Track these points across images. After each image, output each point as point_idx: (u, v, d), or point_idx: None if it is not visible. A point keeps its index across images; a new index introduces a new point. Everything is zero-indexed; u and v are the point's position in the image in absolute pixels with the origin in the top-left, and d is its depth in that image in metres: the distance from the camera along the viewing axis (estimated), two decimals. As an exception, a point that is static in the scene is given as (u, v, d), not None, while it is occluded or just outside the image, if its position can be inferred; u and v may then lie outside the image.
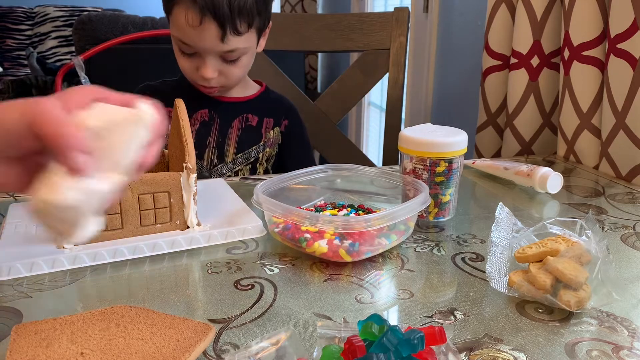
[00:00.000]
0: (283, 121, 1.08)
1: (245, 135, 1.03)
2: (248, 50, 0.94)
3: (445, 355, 0.42)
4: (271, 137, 1.05)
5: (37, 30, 3.77)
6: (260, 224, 0.67)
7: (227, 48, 0.90)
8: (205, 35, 0.88)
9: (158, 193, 0.62)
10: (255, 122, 1.04)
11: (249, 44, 0.93)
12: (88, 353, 0.42)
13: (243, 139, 1.03)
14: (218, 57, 0.92)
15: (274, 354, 0.44)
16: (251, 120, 1.04)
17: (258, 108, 1.06)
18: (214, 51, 0.91)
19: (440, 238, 0.67)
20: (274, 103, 1.09)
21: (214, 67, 0.92)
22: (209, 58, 0.91)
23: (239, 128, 1.03)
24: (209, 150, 1.02)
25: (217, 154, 1.02)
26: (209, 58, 0.91)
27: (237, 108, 1.04)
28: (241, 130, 1.03)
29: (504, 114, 1.22)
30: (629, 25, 0.86)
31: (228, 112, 1.03)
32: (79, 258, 0.59)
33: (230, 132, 1.03)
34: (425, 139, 0.69)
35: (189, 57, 0.93)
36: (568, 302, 0.48)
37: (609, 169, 0.95)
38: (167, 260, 0.61)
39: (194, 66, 0.94)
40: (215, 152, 1.02)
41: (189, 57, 0.93)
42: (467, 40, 1.56)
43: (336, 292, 0.54)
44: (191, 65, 0.94)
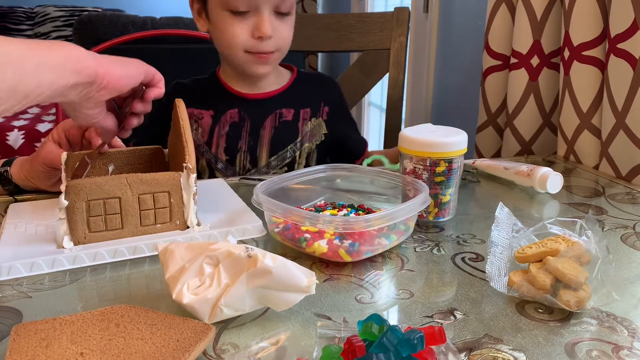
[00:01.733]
0: (324, 108, 1.01)
1: (279, 134, 0.97)
2: (294, 8, 0.92)
3: (445, 355, 0.42)
4: (308, 130, 0.98)
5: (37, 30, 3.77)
6: (260, 224, 0.67)
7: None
8: None
9: (158, 193, 0.62)
10: (291, 115, 0.98)
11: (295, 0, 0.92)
12: (88, 353, 0.41)
13: (277, 139, 0.97)
14: (272, 12, 0.88)
15: (274, 354, 0.44)
16: (286, 114, 0.97)
17: (293, 99, 0.99)
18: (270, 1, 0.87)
19: (440, 238, 0.67)
20: (310, 89, 1.02)
21: (271, 23, 0.88)
22: (265, 11, 0.87)
23: (272, 127, 0.97)
24: (240, 154, 0.96)
25: (249, 158, 0.96)
26: (265, 11, 0.87)
27: (269, 104, 0.98)
28: (274, 129, 0.97)
29: (504, 114, 1.22)
30: (629, 25, 0.86)
31: (259, 110, 0.97)
32: (79, 258, 0.59)
33: (262, 133, 0.96)
34: (425, 139, 0.69)
35: (241, 20, 0.87)
36: (568, 302, 0.48)
37: (609, 169, 0.95)
38: (167, 260, 0.61)
39: (248, 29, 0.88)
40: (248, 156, 0.96)
41: (242, 20, 0.87)
42: (467, 40, 1.56)
43: (336, 292, 0.54)
44: (245, 29, 0.88)
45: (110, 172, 0.72)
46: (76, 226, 0.60)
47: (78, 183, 0.58)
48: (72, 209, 0.59)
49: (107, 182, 0.59)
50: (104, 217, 0.60)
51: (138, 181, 0.61)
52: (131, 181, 0.60)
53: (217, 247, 0.48)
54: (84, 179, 0.59)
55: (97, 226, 0.60)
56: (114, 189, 0.60)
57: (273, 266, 0.46)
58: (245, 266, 0.47)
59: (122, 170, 0.72)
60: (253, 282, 0.47)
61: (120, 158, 0.72)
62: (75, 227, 0.60)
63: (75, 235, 0.60)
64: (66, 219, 0.59)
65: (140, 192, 0.61)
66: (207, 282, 0.47)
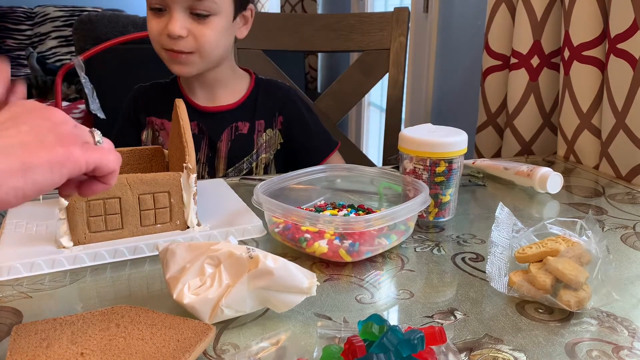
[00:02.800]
0: (278, 118, 1.01)
1: (236, 147, 0.99)
2: (220, 10, 0.89)
3: (445, 356, 0.42)
4: (264, 142, 1.00)
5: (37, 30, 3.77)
6: (260, 223, 0.67)
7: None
8: None
9: (158, 193, 0.62)
10: (247, 128, 0.99)
11: (222, 3, 0.89)
12: (88, 353, 0.41)
13: (234, 152, 0.99)
14: (187, 13, 0.87)
15: (274, 354, 0.44)
16: (241, 128, 0.99)
17: (248, 112, 1.00)
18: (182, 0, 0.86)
19: (440, 238, 0.67)
20: (265, 100, 1.02)
21: (181, 23, 0.87)
22: (176, 11, 0.86)
23: (228, 140, 0.98)
24: (199, 166, 0.98)
25: (207, 169, 0.99)
26: (176, 11, 0.86)
27: (226, 117, 0.99)
28: (231, 142, 0.98)
29: (504, 114, 1.22)
30: (629, 25, 0.86)
31: (216, 123, 0.99)
32: (79, 258, 0.59)
33: (219, 146, 0.98)
34: (425, 139, 0.69)
35: (158, 16, 0.89)
36: (568, 302, 0.48)
37: (609, 169, 0.95)
38: (167, 260, 0.61)
39: (162, 26, 0.88)
40: (206, 167, 0.99)
41: (158, 16, 0.89)
42: (467, 40, 1.56)
43: (336, 292, 0.54)
44: (159, 25, 0.89)
45: None
46: (76, 226, 0.60)
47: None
48: (72, 209, 0.59)
49: None
50: (104, 217, 0.60)
51: (138, 181, 0.61)
52: (131, 181, 0.60)
53: (218, 248, 0.48)
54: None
55: (97, 226, 0.60)
56: (114, 189, 0.60)
57: (274, 267, 0.46)
58: (246, 267, 0.47)
59: (122, 170, 0.72)
60: (254, 283, 0.47)
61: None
62: (75, 227, 0.60)
63: (75, 235, 0.60)
64: (66, 219, 0.59)
65: (140, 192, 0.61)
66: (208, 283, 0.47)
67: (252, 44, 1.28)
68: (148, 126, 1.01)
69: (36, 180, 0.36)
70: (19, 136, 0.37)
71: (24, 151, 0.36)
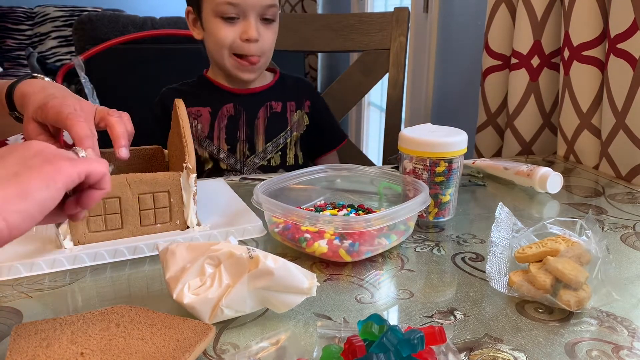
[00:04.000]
0: (305, 102, 1.11)
1: (272, 124, 1.07)
2: (277, 15, 1.01)
3: (445, 355, 0.42)
4: (295, 121, 1.09)
5: (37, 30, 3.77)
6: (260, 223, 0.67)
7: (270, 2, 0.97)
8: None
9: (158, 193, 0.62)
10: (280, 107, 1.08)
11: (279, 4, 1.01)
12: (88, 353, 0.41)
13: (270, 128, 1.07)
14: (258, 18, 0.97)
15: (274, 354, 0.44)
16: (275, 107, 1.08)
17: (279, 93, 1.09)
18: (259, 6, 0.96)
19: (440, 238, 0.67)
20: (293, 86, 1.12)
21: (257, 28, 0.97)
22: (253, 17, 0.96)
23: (265, 117, 1.07)
24: (240, 143, 1.06)
25: (248, 146, 1.06)
26: (253, 17, 0.96)
27: (260, 97, 1.07)
28: (267, 119, 1.07)
29: (504, 114, 1.22)
30: (629, 25, 0.86)
31: (252, 103, 1.07)
32: (79, 258, 0.59)
33: (257, 123, 1.06)
34: (425, 139, 0.69)
35: (230, 25, 0.97)
36: (568, 302, 0.48)
37: (609, 169, 0.95)
38: (167, 260, 0.61)
39: (237, 33, 0.97)
40: (247, 144, 1.06)
41: (231, 25, 0.97)
42: (467, 40, 1.56)
43: (336, 292, 0.54)
44: (234, 32, 0.97)
45: (110, 172, 0.72)
46: (76, 226, 0.60)
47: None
48: None
49: None
50: (103, 217, 0.60)
51: (138, 181, 0.61)
52: (131, 181, 0.60)
53: (218, 248, 0.48)
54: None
55: (97, 226, 0.60)
56: (113, 189, 0.60)
57: (275, 267, 0.46)
58: (246, 267, 0.47)
59: (122, 170, 0.72)
60: (254, 283, 0.47)
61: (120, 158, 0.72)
62: (75, 227, 0.60)
63: (75, 235, 0.60)
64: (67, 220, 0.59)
65: (140, 192, 0.61)
66: (208, 283, 0.47)
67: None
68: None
69: (37, 200, 0.38)
70: (7, 168, 0.39)
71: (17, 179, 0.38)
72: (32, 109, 0.60)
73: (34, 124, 0.61)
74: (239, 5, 0.95)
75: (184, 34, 1.95)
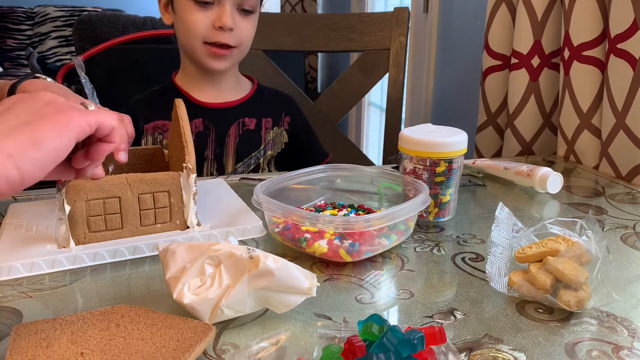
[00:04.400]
0: (285, 118, 1.04)
1: (244, 142, 0.99)
2: (257, 7, 0.94)
3: (445, 355, 0.42)
4: (270, 139, 1.01)
5: (37, 30, 3.77)
6: (260, 223, 0.67)
7: None
8: None
9: (158, 193, 0.62)
10: (254, 124, 1.00)
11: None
12: (88, 353, 0.41)
13: (241, 147, 0.99)
14: (235, 8, 0.91)
15: (274, 354, 0.44)
16: (248, 123, 1.00)
17: (254, 109, 1.01)
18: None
19: (440, 238, 0.67)
20: (271, 100, 1.04)
21: (233, 16, 0.90)
22: (229, 5, 0.89)
23: (236, 135, 0.99)
24: (207, 163, 0.98)
25: (216, 166, 0.99)
26: (229, 5, 0.89)
27: (232, 113, 0.99)
28: (239, 137, 0.99)
29: (504, 114, 1.22)
30: (629, 25, 0.86)
31: (223, 118, 0.99)
32: (79, 258, 0.59)
33: (227, 141, 0.98)
34: (425, 139, 0.69)
35: (204, 11, 0.90)
36: (568, 302, 0.48)
37: (609, 169, 0.95)
38: (167, 260, 0.61)
39: (209, 20, 0.90)
40: (214, 164, 0.98)
41: (205, 11, 0.90)
42: (467, 40, 1.56)
43: (336, 292, 0.54)
44: (206, 18, 0.90)
45: (110, 172, 0.72)
46: (76, 226, 0.59)
47: (78, 183, 0.58)
48: (72, 208, 0.59)
49: (106, 182, 0.59)
50: (103, 217, 0.60)
51: (138, 181, 0.61)
52: (131, 181, 0.60)
53: (218, 248, 0.48)
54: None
55: (97, 226, 0.60)
56: (113, 189, 0.60)
57: (275, 268, 0.46)
58: (246, 267, 0.47)
59: (122, 170, 0.72)
60: (254, 283, 0.47)
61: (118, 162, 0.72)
62: (75, 226, 0.59)
63: (75, 235, 0.60)
64: (66, 219, 0.59)
65: (140, 192, 0.61)
66: (208, 283, 0.47)
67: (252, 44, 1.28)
68: (147, 133, 0.99)
69: (50, 148, 0.39)
70: (19, 117, 0.39)
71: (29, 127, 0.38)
72: None
73: None
74: None
75: (184, 34, 1.95)
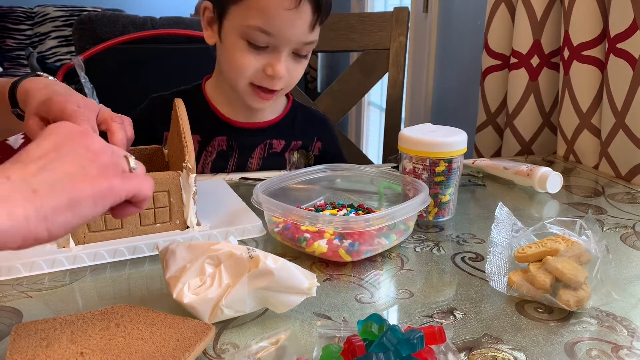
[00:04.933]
0: (316, 144, 0.98)
1: (266, 165, 0.94)
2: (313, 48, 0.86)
3: (445, 355, 0.42)
4: (295, 160, 0.95)
5: (37, 30, 3.77)
6: (260, 223, 0.67)
7: (310, 38, 0.82)
8: (297, 21, 0.78)
9: (157, 192, 0.62)
10: (281, 147, 0.94)
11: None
12: (88, 353, 0.42)
13: (264, 169, 0.93)
14: (291, 52, 0.83)
15: (274, 353, 0.44)
16: (276, 146, 0.94)
17: (285, 130, 0.95)
18: (296, 41, 0.81)
19: (440, 238, 0.67)
20: (304, 123, 0.98)
21: (286, 64, 0.82)
22: (285, 53, 0.81)
23: (260, 157, 0.93)
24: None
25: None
26: (285, 53, 0.81)
27: (261, 134, 0.93)
28: (262, 161, 0.93)
29: (504, 113, 1.22)
30: (628, 25, 0.86)
31: (249, 140, 0.92)
32: (79, 258, 0.59)
33: (249, 164, 0.93)
34: (425, 139, 0.69)
35: (256, 54, 0.81)
36: (567, 301, 0.48)
37: (608, 169, 0.95)
38: (167, 260, 0.61)
39: (261, 64, 0.81)
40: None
41: (257, 54, 0.81)
42: (467, 40, 1.56)
43: (336, 291, 0.54)
44: (258, 62, 0.81)
45: None
46: None
47: None
48: None
49: None
50: (103, 217, 0.60)
51: None
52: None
53: (218, 248, 0.48)
54: None
55: (97, 226, 0.60)
56: None
57: (275, 267, 0.46)
58: (246, 267, 0.47)
59: None
60: (254, 283, 0.47)
61: None
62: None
63: (75, 235, 0.60)
64: None
65: (140, 192, 0.61)
66: (208, 282, 0.47)
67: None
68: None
69: (82, 214, 0.38)
70: (63, 167, 0.38)
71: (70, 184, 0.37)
72: (36, 103, 0.60)
73: (35, 119, 0.60)
74: (274, 36, 0.78)
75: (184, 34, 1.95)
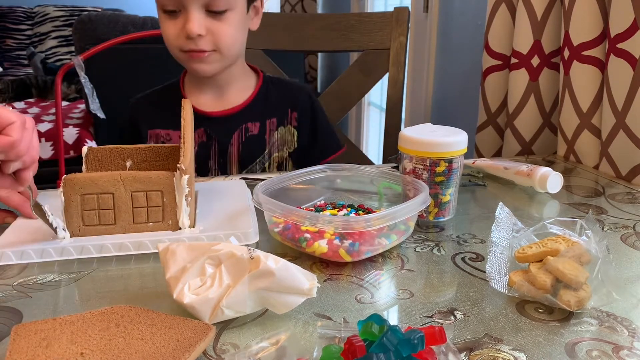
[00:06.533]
0: (292, 114, 1.00)
1: (247, 150, 0.97)
2: (235, 4, 0.87)
3: (445, 355, 0.42)
4: (276, 140, 0.98)
5: (37, 30, 3.77)
6: (252, 230, 0.64)
7: None
8: None
9: (151, 192, 0.62)
10: (257, 129, 0.97)
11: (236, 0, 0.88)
12: (88, 353, 0.41)
13: (245, 154, 0.97)
14: (203, 11, 0.85)
15: (274, 354, 0.44)
16: (252, 129, 0.97)
17: (258, 111, 0.98)
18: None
19: (440, 238, 0.67)
20: (276, 97, 1.00)
21: (199, 22, 0.85)
22: (193, 10, 0.84)
23: (239, 143, 0.97)
24: (211, 173, 0.98)
25: (220, 175, 0.98)
26: (193, 10, 0.84)
27: (235, 120, 0.97)
28: (242, 145, 0.97)
29: (504, 113, 1.22)
30: (629, 25, 0.86)
31: (225, 127, 0.96)
32: (67, 250, 0.60)
33: (230, 151, 0.96)
34: (425, 139, 0.69)
35: (172, 18, 0.87)
36: (568, 302, 0.48)
37: (609, 169, 0.95)
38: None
39: (179, 27, 0.86)
40: (219, 173, 0.98)
41: (173, 18, 0.87)
42: (467, 40, 1.56)
43: (336, 292, 0.54)
44: (175, 27, 0.87)
45: (128, 168, 0.72)
46: (71, 219, 0.61)
47: (74, 177, 0.60)
48: (68, 201, 0.60)
49: (100, 178, 0.60)
50: (97, 212, 0.61)
51: (131, 178, 0.61)
52: (124, 178, 0.61)
53: (219, 248, 0.48)
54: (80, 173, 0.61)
55: (91, 220, 0.61)
56: (107, 185, 0.61)
57: (275, 268, 0.46)
58: (247, 267, 0.47)
59: (140, 166, 0.73)
60: (255, 283, 0.47)
61: (138, 154, 0.72)
62: (71, 219, 0.61)
63: (70, 228, 0.61)
64: (63, 211, 0.61)
65: (133, 190, 0.61)
66: (209, 283, 0.47)
67: (252, 44, 1.28)
68: (150, 140, 0.98)
69: None
70: None
71: None
72: None
73: None
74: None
75: (183, 33, 1.95)
